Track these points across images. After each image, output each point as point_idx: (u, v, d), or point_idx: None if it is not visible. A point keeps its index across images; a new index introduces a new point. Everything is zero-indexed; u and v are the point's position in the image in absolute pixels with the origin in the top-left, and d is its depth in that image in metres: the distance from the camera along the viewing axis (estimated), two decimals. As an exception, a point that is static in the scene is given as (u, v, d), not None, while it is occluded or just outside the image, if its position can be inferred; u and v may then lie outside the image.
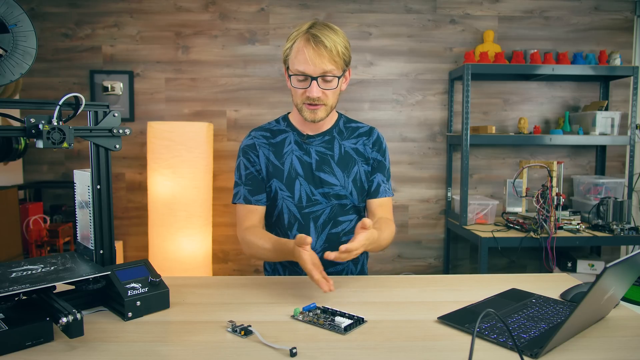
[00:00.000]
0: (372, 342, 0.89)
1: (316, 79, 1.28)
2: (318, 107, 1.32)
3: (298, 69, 1.28)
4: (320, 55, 1.25)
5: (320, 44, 1.25)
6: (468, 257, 3.26)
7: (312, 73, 1.27)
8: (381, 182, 1.46)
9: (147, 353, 0.84)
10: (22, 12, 0.92)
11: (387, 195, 1.46)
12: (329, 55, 1.26)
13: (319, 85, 1.29)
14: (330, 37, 1.27)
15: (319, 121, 1.36)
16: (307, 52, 1.25)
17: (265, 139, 1.44)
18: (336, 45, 1.27)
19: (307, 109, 1.33)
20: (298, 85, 1.31)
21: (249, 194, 1.42)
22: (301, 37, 1.28)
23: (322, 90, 1.30)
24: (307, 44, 1.26)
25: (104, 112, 1.05)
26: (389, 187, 1.48)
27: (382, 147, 1.48)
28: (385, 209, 1.46)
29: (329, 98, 1.33)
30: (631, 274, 0.96)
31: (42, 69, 2.98)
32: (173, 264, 2.62)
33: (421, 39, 3.10)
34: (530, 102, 3.17)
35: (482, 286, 1.23)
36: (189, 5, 3.01)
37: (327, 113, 1.36)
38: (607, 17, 3.14)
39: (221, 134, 3.06)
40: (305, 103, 1.32)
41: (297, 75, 1.29)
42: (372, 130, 1.49)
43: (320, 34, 1.26)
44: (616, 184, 2.93)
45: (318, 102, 1.31)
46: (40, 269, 0.99)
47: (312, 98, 1.30)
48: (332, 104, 1.36)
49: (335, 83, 1.31)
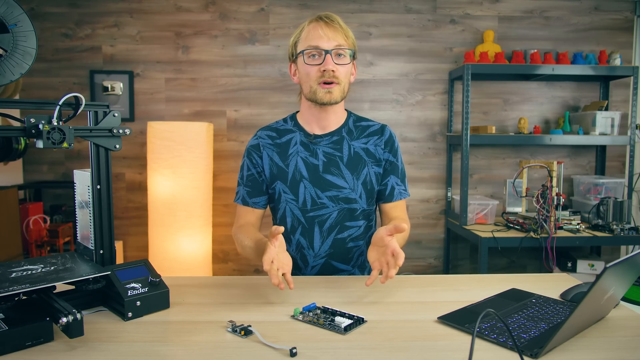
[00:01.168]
0: (372, 342, 0.89)
1: (330, 52, 1.28)
2: (333, 86, 1.31)
3: (311, 44, 1.30)
4: (334, 29, 1.30)
5: (331, 21, 1.31)
6: (468, 257, 3.26)
7: (326, 46, 1.29)
8: (395, 184, 1.42)
9: (147, 353, 0.84)
10: (22, 12, 0.92)
11: (403, 197, 1.44)
12: (341, 31, 1.31)
13: (333, 60, 1.29)
14: (339, 19, 1.33)
15: (333, 103, 1.33)
16: (320, 29, 1.30)
17: (271, 139, 1.42)
18: (346, 27, 1.33)
19: (322, 89, 1.31)
20: (311, 62, 1.31)
21: (247, 195, 1.41)
22: (312, 21, 1.33)
23: (336, 66, 1.30)
24: (319, 22, 1.31)
25: (104, 112, 1.05)
26: (403, 188, 1.44)
27: (395, 147, 1.43)
28: (400, 210, 1.44)
29: (342, 76, 1.32)
30: (631, 274, 0.96)
31: (42, 69, 2.98)
32: (173, 264, 2.62)
33: (421, 39, 3.10)
34: (530, 102, 3.17)
35: (482, 286, 1.23)
36: (189, 5, 3.01)
37: (341, 95, 1.34)
38: (607, 17, 3.14)
39: (221, 134, 3.06)
40: (320, 82, 1.31)
41: (310, 50, 1.30)
42: (384, 128, 1.44)
43: (330, 15, 1.32)
44: (616, 184, 2.93)
45: (333, 80, 1.30)
46: (40, 269, 0.99)
47: (327, 72, 1.29)
48: (345, 86, 1.34)
49: (347, 59, 1.32)
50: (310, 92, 1.33)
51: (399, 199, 1.42)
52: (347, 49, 1.31)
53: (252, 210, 1.42)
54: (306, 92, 1.35)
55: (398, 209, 1.43)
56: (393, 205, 1.43)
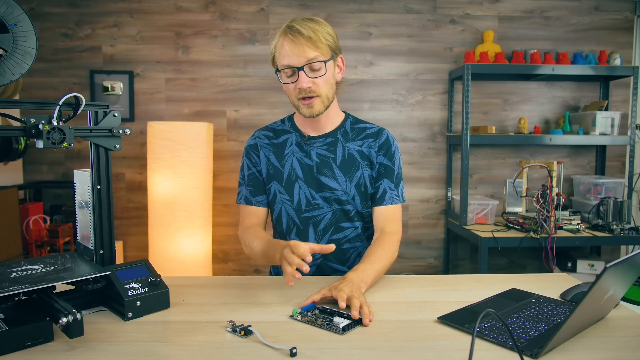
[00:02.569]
0: (372, 342, 0.89)
1: (302, 68, 1.24)
2: (312, 100, 1.28)
3: (283, 63, 1.26)
4: (299, 45, 1.23)
5: (297, 33, 1.23)
6: (468, 257, 3.26)
7: (296, 64, 1.24)
8: (387, 188, 1.37)
9: (147, 353, 0.84)
10: (22, 12, 0.92)
11: (394, 202, 1.37)
12: (308, 43, 1.24)
13: (307, 75, 1.25)
14: (309, 25, 1.25)
15: (317, 115, 1.31)
16: (286, 45, 1.24)
17: (268, 139, 1.43)
18: (315, 32, 1.25)
19: (302, 105, 1.30)
20: (288, 81, 1.29)
21: (250, 194, 1.41)
22: (280, 34, 1.28)
23: (311, 80, 1.26)
24: (285, 37, 1.25)
25: (104, 112, 1.05)
26: (397, 193, 1.38)
27: (391, 151, 1.39)
28: (388, 220, 1.36)
29: (320, 87, 1.28)
30: (631, 274, 0.96)
31: (42, 69, 2.98)
32: (173, 264, 2.62)
33: (421, 39, 3.10)
34: (530, 102, 3.17)
35: (482, 286, 1.23)
36: (189, 5, 3.01)
37: (324, 106, 1.31)
38: (607, 17, 3.14)
39: (221, 134, 3.06)
40: (300, 98, 1.29)
41: (285, 70, 1.27)
42: (381, 131, 1.41)
43: (297, 24, 1.25)
44: (616, 184, 2.93)
45: (311, 94, 1.27)
46: (40, 269, 0.99)
47: (303, 89, 1.26)
48: (327, 94, 1.30)
49: (323, 70, 1.27)
50: (295, 106, 1.33)
51: (389, 204, 1.37)
52: (320, 61, 1.25)
53: (256, 209, 1.41)
54: (292, 104, 1.35)
55: (388, 219, 1.36)
56: (384, 209, 1.37)
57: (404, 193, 1.42)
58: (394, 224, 1.37)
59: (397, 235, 1.35)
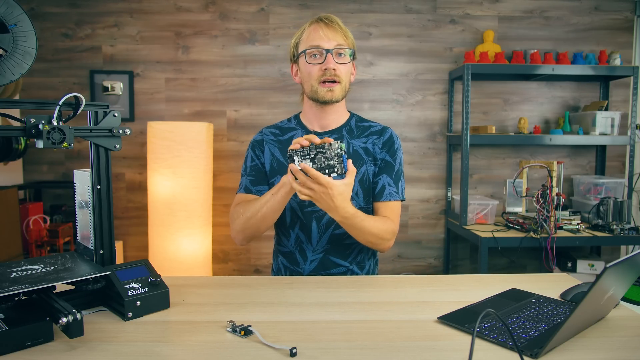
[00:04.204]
0: (372, 342, 0.89)
1: (331, 51, 1.32)
2: (334, 85, 1.35)
3: (312, 44, 1.34)
4: (333, 30, 1.34)
5: (331, 22, 1.36)
6: (468, 257, 3.26)
7: (327, 46, 1.33)
8: (387, 184, 1.39)
9: (147, 353, 0.84)
10: (22, 12, 0.92)
11: (393, 199, 1.39)
12: (340, 31, 1.35)
13: (334, 59, 1.33)
14: (338, 20, 1.38)
15: (335, 102, 1.37)
16: (320, 30, 1.34)
17: (274, 136, 1.46)
18: (345, 27, 1.38)
19: (323, 88, 1.35)
20: (313, 61, 1.34)
21: (250, 183, 1.43)
22: (312, 22, 1.37)
23: (337, 65, 1.33)
24: (320, 23, 1.36)
25: (104, 112, 1.05)
26: (396, 190, 1.40)
27: (393, 148, 1.42)
28: (389, 211, 1.38)
29: (343, 74, 1.35)
30: (631, 274, 0.96)
31: (42, 69, 2.98)
32: (173, 264, 2.62)
33: (421, 39, 3.10)
34: (530, 102, 3.17)
35: (482, 286, 1.23)
36: (189, 5, 3.01)
37: (342, 94, 1.37)
38: (607, 17, 3.14)
39: (221, 134, 3.06)
40: (321, 82, 1.34)
41: (312, 50, 1.34)
42: (385, 129, 1.45)
43: (329, 17, 1.38)
44: (616, 184, 2.93)
45: (334, 78, 1.34)
46: (40, 269, 0.99)
47: (329, 71, 1.32)
48: (346, 85, 1.38)
49: (348, 58, 1.36)
50: (312, 91, 1.36)
51: (388, 200, 1.39)
52: (347, 49, 1.36)
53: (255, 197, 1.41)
54: (308, 91, 1.39)
55: (388, 210, 1.38)
56: (382, 204, 1.39)
57: (404, 191, 1.44)
58: (392, 216, 1.39)
59: (394, 227, 1.36)
